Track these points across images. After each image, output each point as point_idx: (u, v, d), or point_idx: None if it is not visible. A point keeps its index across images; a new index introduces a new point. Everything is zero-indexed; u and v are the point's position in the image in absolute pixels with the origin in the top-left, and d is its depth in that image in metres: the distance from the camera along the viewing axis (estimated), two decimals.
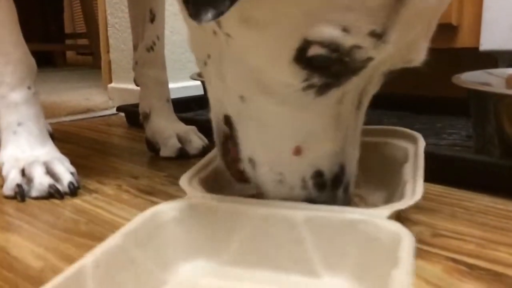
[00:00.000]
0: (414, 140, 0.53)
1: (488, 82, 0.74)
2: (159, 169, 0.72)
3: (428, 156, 0.50)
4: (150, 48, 0.78)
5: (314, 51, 0.32)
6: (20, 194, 0.59)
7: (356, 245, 0.36)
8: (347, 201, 0.40)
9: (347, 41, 0.31)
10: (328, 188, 0.38)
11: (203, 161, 0.50)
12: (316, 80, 0.34)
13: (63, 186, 0.60)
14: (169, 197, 0.60)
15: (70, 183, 0.61)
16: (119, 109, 1.10)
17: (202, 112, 1.10)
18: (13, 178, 0.60)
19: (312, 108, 0.36)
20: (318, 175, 0.38)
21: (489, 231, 0.48)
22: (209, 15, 0.29)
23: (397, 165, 0.51)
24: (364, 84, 0.37)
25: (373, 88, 0.38)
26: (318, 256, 0.36)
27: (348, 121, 0.38)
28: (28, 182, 0.60)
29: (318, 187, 0.38)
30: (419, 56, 0.35)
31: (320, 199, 0.38)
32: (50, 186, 0.60)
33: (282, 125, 0.37)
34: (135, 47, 0.81)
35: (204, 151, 0.78)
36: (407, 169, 0.48)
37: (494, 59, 0.97)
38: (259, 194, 0.43)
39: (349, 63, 0.33)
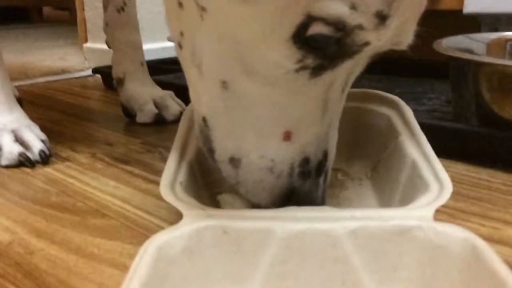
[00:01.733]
0: (395, 106, 0.50)
1: (469, 48, 0.73)
2: (135, 136, 0.71)
3: None
4: (121, 9, 0.75)
5: (315, 29, 0.30)
6: None
7: (413, 257, 0.31)
8: (326, 189, 0.38)
9: (353, 19, 0.29)
10: (312, 176, 0.37)
11: (173, 156, 0.42)
12: (311, 61, 0.32)
13: (34, 154, 0.59)
14: (144, 166, 0.59)
15: (41, 151, 0.59)
16: (95, 71, 1.07)
17: (181, 75, 1.07)
18: None
19: (303, 91, 0.34)
20: (305, 162, 0.36)
21: (461, 200, 0.48)
22: None
23: (378, 134, 0.49)
24: (353, 66, 0.36)
25: (359, 70, 0.37)
26: (368, 274, 0.31)
27: (334, 104, 0.36)
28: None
29: (303, 176, 0.36)
30: (407, 39, 0.33)
31: (304, 188, 0.36)
32: (20, 154, 0.58)
33: (272, 109, 0.35)
34: (105, 8, 0.77)
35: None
36: (407, 144, 0.44)
37: (477, 23, 0.96)
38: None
39: (347, 45, 0.31)
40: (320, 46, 0.31)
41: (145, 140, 0.69)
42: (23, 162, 0.58)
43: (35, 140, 0.60)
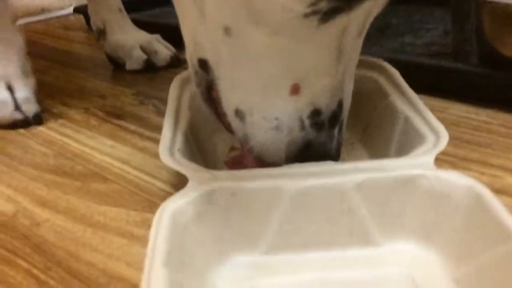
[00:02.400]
0: (382, 70, 0.48)
1: None
2: (126, 85, 0.69)
3: (401, 63, 0.46)
4: None
5: None
6: None
7: (417, 205, 0.32)
8: (341, 140, 0.37)
9: None
10: (326, 127, 0.34)
11: (167, 126, 0.41)
12: (324, 3, 0.28)
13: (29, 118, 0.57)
14: (139, 121, 0.58)
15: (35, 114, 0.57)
16: (76, 10, 1.02)
17: (158, 12, 1.01)
18: None
19: (314, 39, 0.31)
20: (316, 113, 0.34)
21: (461, 147, 0.48)
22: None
23: (367, 98, 0.47)
24: (371, 6, 0.32)
25: (377, 10, 0.33)
26: (374, 223, 0.32)
27: (349, 51, 0.33)
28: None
29: (317, 127, 0.34)
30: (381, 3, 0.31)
31: (319, 139, 0.34)
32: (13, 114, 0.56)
33: (278, 61, 0.32)
34: None
35: (173, 62, 0.74)
36: (397, 102, 0.43)
37: None
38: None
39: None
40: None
41: (137, 91, 0.67)
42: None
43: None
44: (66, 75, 0.75)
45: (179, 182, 0.45)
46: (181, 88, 0.47)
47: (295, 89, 0.33)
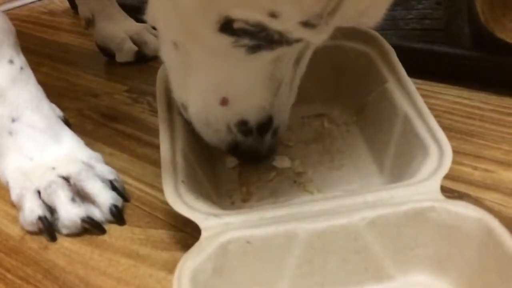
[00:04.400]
0: (375, 44, 0.47)
1: None
2: (118, 81, 0.69)
3: (393, 47, 0.45)
4: None
5: (239, 25, 0.29)
6: (48, 231, 0.41)
7: (429, 237, 0.33)
8: (275, 144, 0.40)
9: (275, 25, 0.28)
10: (254, 134, 0.39)
11: (164, 146, 0.41)
12: (247, 41, 0.31)
13: (103, 213, 0.42)
14: (135, 122, 0.58)
15: (112, 206, 0.43)
16: None
17: None
18: (30, 208, 0.42)
19: (244, 64, 0.34)
20: (242, 123, 0.38)
21: (454, 138, 0.49)
22: None
23: (359, 74, 0.48)
24: (304, 46, 0.35)
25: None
26: (387, 257, 0.33)
27: (283, 77, 0.36)
28: (52, 211, 0.42)
29: (243, 133, 0.38)
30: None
31: (246, 143, 0.39)
32: (83, 220, 0.41)
33: (212, 75, 0.36)
34: None
35: None
36: (395, 93, 0.43)
37: None
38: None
39: (280, 39, 0.30)
40: (249, 36, 0.30)
41: (130, 87, 0.67)
42: (90, 229, 0.42)
43: (103, 190, 0.43)
44: (57, 71, 0.74)
45: None
46: (166, 85, 0.45)
47: (224, 101, 0.37)
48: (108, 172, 0.45)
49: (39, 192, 0.43)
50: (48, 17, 0.99)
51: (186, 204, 0.35)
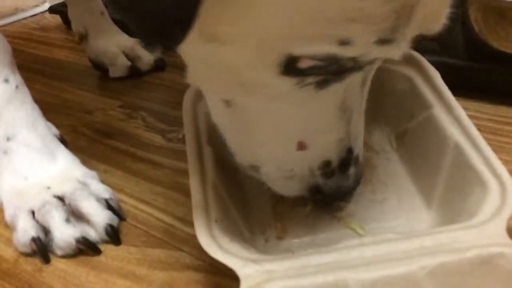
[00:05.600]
0: (417, 66, 0.44)
1: None
2: (112, 96, 0.68)
3: None
4: None
5: (305, 63, 0.27)
6: (41, 253, 0.40)
7: (496, 286, 0.30)
8: (359, 174, 0.37)
9: (349, 53, 0.26)
10: (337, 173, 0.36)
11: (195, 181, 0.38)
12: (312, 79, 0.29)
13: (98, 233, 0.41)
14: (129, 138, 0.57)
15: (108, 225, 0.42)
16: (52, 10, 0.98)
17: None
18: (24, 229, 0.41)
19: (314, 102, 0.32)
20: (325, 164, 0.35)
21: None
22: (159, 51, 0.25)
23: (400, 98, 0.44)
24: (370, 67, 0.33)
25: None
26: None
27: (353, 103, 0.34)
28: (46, 232, 0.41)
29: (326, 176, 0.35)
30: (438, 25, 0.29)
31: (330, 184, 0.36)
32: (78, 240, 0.40)
33: (279, 124, 0.33)
34: None
35: (157, 65, 0.73)
36: (443, 120, 0.39)
37: None
38: None
39: (354, 65, 0.28)
40: (317, 72, 0.28)
41: (124, 102, 0.66)
42: (85, 250, 0.41)
43: (98, 210, 0.42)
44: (50, 88, 0.73)
45: (174, 207, 0.45)
46: (194, 109, 0.43)
47: (301, 146, 0.34)
48: (103, 191, 0.44)
49: (33, 213, 0.42)
50: (41, 33, 0.99)
51: (221, 247, 0.32)
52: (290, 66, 0.27)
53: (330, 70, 0.28)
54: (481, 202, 0.33)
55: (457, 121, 0.39)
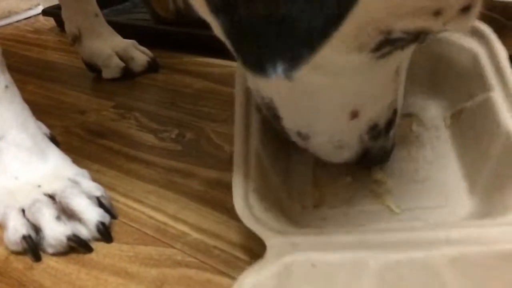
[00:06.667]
0: (485, 41, 0.40)
1: None
2: (105, 97, 0.68)
3: None
4: None
5: (394, 35, 0.27)
6: (32, 251, 0.40)
7: None
8: (394, 136, 0.37)
9: (437, 24, 0.26)
10: (383, 134, 0.36)
11: (238, 152, 0.39)
12: (387, 49, 0.29)
13: (90, 231, 0.41)
14: (122, 138, 0.57)
15: (99, 223, 0.42)
16: (45, 13, 0.99)
17: (116, 12, 0.98)
18: (14, 227, 0.41)
19: (373, 72, 0.32)
20: (373, 128, 0.35)
21: None
22: (279, 69, 0.21)
23: (462, 73, 0.41)
24: None
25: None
26: None
27: (405, 66, 0.34)
28: (37, 230, 0.41)
29: (374, 137, 0.36)
30: None
31: (376, 146, 0.36)
32: (69, 238, 0.40)
33: (335, 95, 0.33)
34: None
35: (150, 66, 0.73)
36: (501, 106, 0.37)
37: None
38: None
39: (427, 37, 0.29)
40: (399, 44, 0.29)
41: (117, 103, 0.66)
42: (76, 247, 0.41)
43: (89, 207, 0.42)
44: (43, 89, 0.73)
45: (168, 206, 0.45)
46: (246, 82, 0.42)
47: (354, 114, 0.34)
48: (95, 189, 0.44)
49: (23, 211, 0.41)
50: (34, 35, 0.99)
51: (254, 216, 0.34)
52: (382, 43, 0.28)
53: (410, 42, 0.28)
54: None
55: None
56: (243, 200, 0.35)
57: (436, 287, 0.30)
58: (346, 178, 0.41)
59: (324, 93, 0.33)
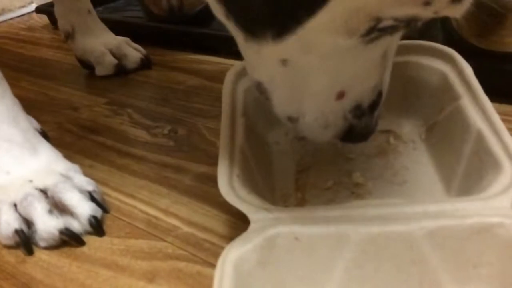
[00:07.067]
0: (451, 61, 0.44)
1: None
2: (98, 94, 0.68)
3: None
4: None
5: (384, 24, 0.28)
6: (24, 245, 0.41)
7: (494, 254, 0.30)
8: (379, 116, 0.38)
9: (427, 13, 0.27)
10: (367, 113, 0.37)
11: (224, 142, 0.40)
12: (376, 34, 0.30)
13: (82, 224, 0.42)
14: (115, 134, 0.58)
15: (91, 217, 0.42)
16: (38, 10, 0.99)
17: (110, 9, 0.99)
18: (6, 221, 0.41)
19: (361, 55, 0.33)
20: (357, 107, 0.36)
21: None
22: (268, 36, 0.25)
23: (432, 91, 0.45)
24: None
25: (459, 16, 0.33)
26: (446, 273, 0.31)
27: (392, 50, 0.35)
28: (29, 224, 0.41)
29: (357, 116, 0.37)
30: None
31: (360, 125, 0.37)
32: (61, 231, 0.41)
33: (324, 77, 0.34)
34: None
35: (143, 63, 0.74)
36: (469, 109, 0.40)
37: None
38: None
39: (417, 24, 0.29)
40: (389, 31, 0.29)
41: (110, 99, 0.66)
42: (68, 241, 0.41)
43: (81, 202, 0.42)
44: (36, 85, 0.73)
45: (159, 200, 0.46)
46: (233, 87, 0.46)
47: (340, 95, 0.35)
48: (87, 183, 0.45)
49: (15, 205, 0.42)
50: (27, 32, 0.99)
51: (238, 197, 0.35)
52: (371, 29, 0.28)
53: (400, 28, 0.29)
54: (492, 181, 0.34)
55: (482, 110, 0.39)
56: (228, 182, 0.36)
57: (414, 258, 0.31)
58: (327, 182, 0.43)
59: (313, 75, 0.34)
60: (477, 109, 0.40)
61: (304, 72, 0.34)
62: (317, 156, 0.46)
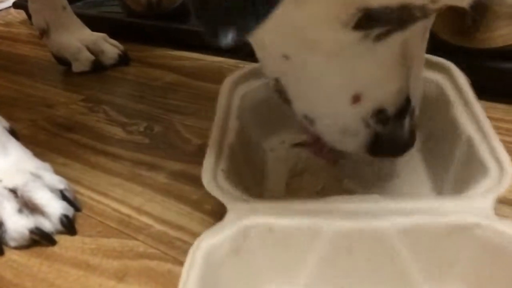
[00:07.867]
0: (447, 72, 0.45)
1: None
2: (75, 90, 0.68)
3: None
4: None
5: (376, 11, 0.27)
6: None
7: (469, 255, 0.30)
8: (415, 129, 0.37)
9: (423, 1, 0.27)
10: (392, 120, 0.36)
11: (214, 140, 0.40)
12: (376, 31, 0.30)
13: (53, 224, 0.41)
14: (90, 132, 0.57)
15: (63, 216, 0.42)
16: (16, 5, 0.97)
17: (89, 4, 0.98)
18: None
19: (372, 54, 0.32)
20: (379, 112, 0.35)
21: None
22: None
23: (428, 102, 0.44)
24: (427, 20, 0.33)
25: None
26: (419, 271, 0.31)
27: (414, 52, 0.34)
28: None
29: (382, 122, 0.35)
30: None
31: (386, 132, 0.36)
32: (31, 231, 0.40)
33: (334, 78, 0.34)
34: None
35: (121, 59, 0.73)
36: (460, 114, 0.40)
37: None
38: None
39: (422, 14, 0.28)
40: (385, 24, 0.29)
41: (86, 96, 0.66)
42: (39, 240, 0.41)
43: (52, 201, 0.42)
44: (12, 82, 0.72)
45: (133, 199, 0.46)
46: (230, 92, 0.46)
47: (356, 98, 0.34)
48: (58, 182, 0.44)
49: None
50: (5, 28, 0.97)
51: (219, 187, 0.35)
52: (362, 20, 0.28)
53: (398, 20, 0.29)
54: (477, 183, 0.34)
55: (472, 114, 0.40)
56: (211, 173, 0.36)
57: (387, 255, 0.31)
58: (318, 187, 0.43)
59: (322, 73, 0.34)
60: (468, 114, 0.40)
61: (312, 69, 0.34)
62: (311, 162, 0.46)
